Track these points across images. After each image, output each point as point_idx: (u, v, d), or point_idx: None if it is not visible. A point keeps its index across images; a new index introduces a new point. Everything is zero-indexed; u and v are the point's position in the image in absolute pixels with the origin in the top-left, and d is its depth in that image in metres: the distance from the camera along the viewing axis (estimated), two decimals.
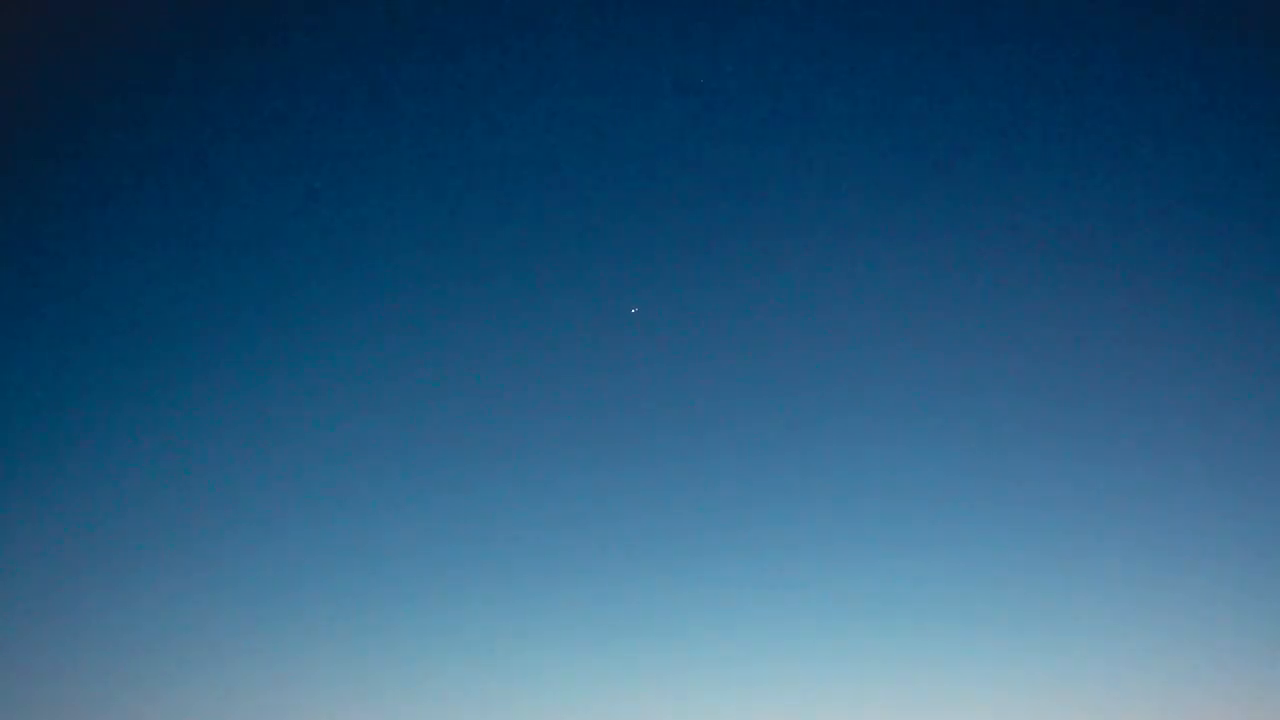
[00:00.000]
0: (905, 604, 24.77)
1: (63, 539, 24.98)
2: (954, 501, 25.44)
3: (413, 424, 27.01)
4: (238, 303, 27.25)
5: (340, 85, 26.99)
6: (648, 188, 27.26)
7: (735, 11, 26.53)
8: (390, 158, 27.54)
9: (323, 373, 27.12)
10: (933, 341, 26.30)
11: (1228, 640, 22.87)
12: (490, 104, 27.27)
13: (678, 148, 27.18)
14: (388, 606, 25.31)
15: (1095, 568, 24.29)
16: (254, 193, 27.30)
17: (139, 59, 26.30)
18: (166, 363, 26.93)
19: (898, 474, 25.93)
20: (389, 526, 26.15)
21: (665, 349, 26.97)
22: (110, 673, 23.82)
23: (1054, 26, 25.91)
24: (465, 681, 24.43)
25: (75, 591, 24.62)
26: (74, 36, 25.67)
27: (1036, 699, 22.92)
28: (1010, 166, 26.29)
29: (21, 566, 24.49)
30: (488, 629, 25.17)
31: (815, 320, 26.70)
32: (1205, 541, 23.99)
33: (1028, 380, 25.83)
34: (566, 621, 25.28)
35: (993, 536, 24.96)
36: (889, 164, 26.67)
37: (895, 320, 26.50)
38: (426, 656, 24.80)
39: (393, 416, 27.04)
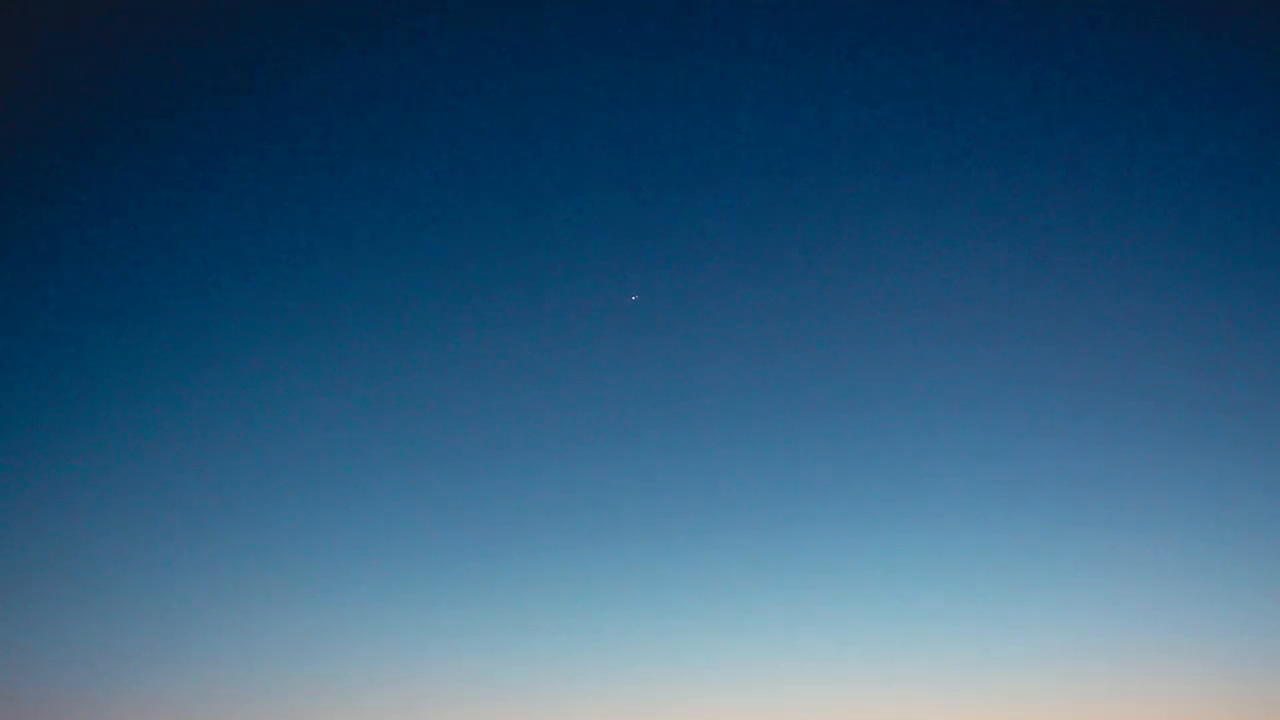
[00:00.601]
0: (905, 598, 24.87)
1: (62, 538, 24.96)
2: (956, 498, 25.52)
3: (411, 416, 27.02)
4: (237, 301, 27.26)
5: (342, 84, 27.00)
6: (647, 177, 27.32)
7: (744, 9, 26.57)
8: (390, 152, 27.58)
9: (319, 362, 27.13)
10: (935, 334, 26.39)
11: (1227, 633, 22.98)
12: (490, 99, 27.30)
13: (681, 138, 27.25)
14: (389, 601, 25.31)
15: (1095, 563, 24.37)
16: (252, 191, 27.31)
17: (139, 62, 26.30)
18: (167, 363, 26.94)
19: (899, 468, 26.01)
20: (389, 521, 26.16)
21: (665, 338, 27.03)
22: (111, 670, 23.79)
23: (1058, 30, 26.00)
24: (466, 676, 24.42)
25: (74, 589, 24.61)
26: (77, 39, 25.66)
27: (1038, 693, 23.00)
28: (1016, 168, 26.37)
29: (21, 565, 24.47)
30: (488, 622, 25.21)
31: (817, 313, 26.76)
32: (1208, 537, 24.09)
33: (1031, 379, 25.92)
34: (570, 610, 25.32)
35: (995, 534, 25.04)
36: (893, 156, 26.78)
37: (897, 316, 26.58)
38: (428, 652, 24.78)
39: (390, 410, 27.04)
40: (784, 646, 24.33)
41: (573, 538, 25.89)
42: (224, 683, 23.66)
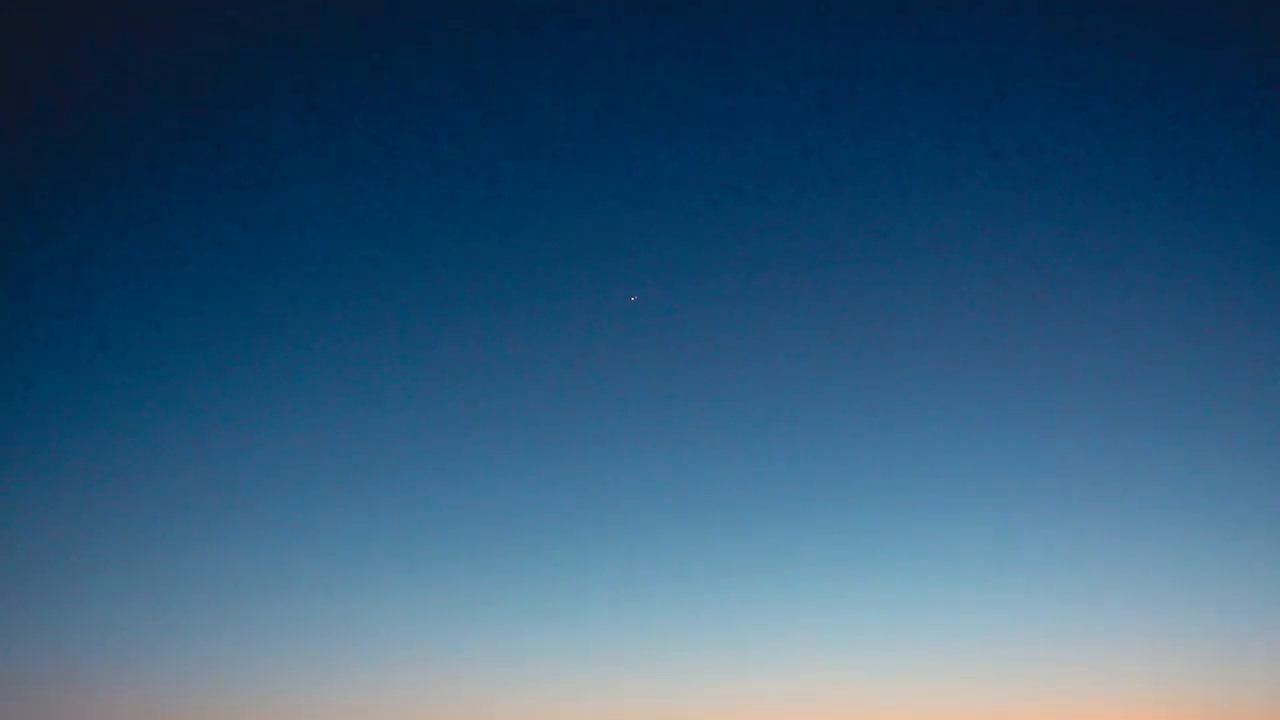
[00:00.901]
0: (904, 594, 24.92)
1: (62, 537, 24.99)
2: (957, 496, 25.57)
3: (413, 415, 27.06)
4: (238, 302, 27.30)
5: (348, 88, 27.07)
6: (648, 179, 27.39)
7: (746, 10, 26.63)
8: (391, 155, 27.62)
9: (321, 362, 27.20)
10: (936, 334, 26.45)
11: (1230, 633, 23.02)
12: (490, 101, 27.34)
13: (682, 140, 27.31)
14: (394, 597, 25.35)
15: (1096, 561, 24.43)
16: (253, 193, 27.36)
17: (143, 66, 26.36)
18: (168, 363, 26.99)
19: (898, 468, 26.07)
20: (393, 519, 26.20)
21: (665, 338, 27.09)
22: (110, 667, 23.83)
23: (1058, 32, 26.05)
24: (467, 674, 24.46)
25: (73, 588, 24.64)
26: (76, 41, 25.72)
27: (1040, 690, 23.02)
28: (1014, 169, 26.41)
29: (21, 564, 24.50)
30: (488, 621, 25.25)
31: (817, 314, 26.82)
32: (1211, 536, 24.14)
33: (1033, 379, 25.99)
34: (572, 609, 25.37)
35: (996, 532, 25.08)
36: (892, 158, 26.84)
37: (898, 315, 26.65)
38: (429, 649, 24.82)
39: (393, 410, 27.08)
40: (783, 643, 24.43)
41: (574, 537, 25.99)
42: (226, 679, 23.73)
